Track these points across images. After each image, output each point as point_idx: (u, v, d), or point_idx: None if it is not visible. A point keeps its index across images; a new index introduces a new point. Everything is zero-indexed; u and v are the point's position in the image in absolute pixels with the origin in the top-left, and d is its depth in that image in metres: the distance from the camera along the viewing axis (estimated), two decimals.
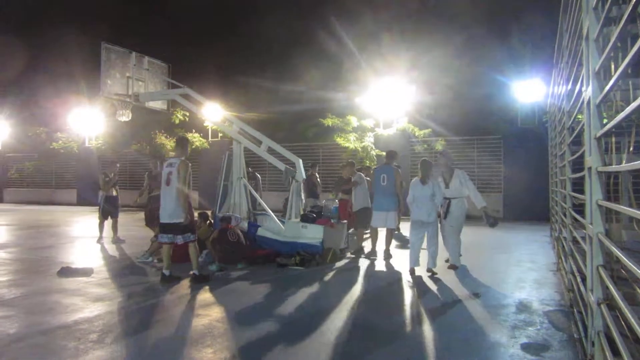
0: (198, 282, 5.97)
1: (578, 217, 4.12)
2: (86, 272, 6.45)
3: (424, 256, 6.63)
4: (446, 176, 7.05)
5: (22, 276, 6.41)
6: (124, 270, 6.78)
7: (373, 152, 15.72)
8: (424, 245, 6.64)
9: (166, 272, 6.06)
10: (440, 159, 7.25)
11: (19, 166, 24.86)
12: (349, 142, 15.85)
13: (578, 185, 5.02)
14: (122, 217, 9.99)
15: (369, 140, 16.14)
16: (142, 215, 9.29)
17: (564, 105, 5.39)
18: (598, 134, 2.47)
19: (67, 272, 6.40)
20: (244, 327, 4.34)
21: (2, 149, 25.43)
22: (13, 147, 25.04)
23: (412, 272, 6.42)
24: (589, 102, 2.64)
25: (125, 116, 9.90)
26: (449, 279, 6.33)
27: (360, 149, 15.75)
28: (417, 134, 15.68)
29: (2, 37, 26.31)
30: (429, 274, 6.43)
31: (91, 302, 5.11)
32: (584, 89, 2.93)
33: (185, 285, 6.00)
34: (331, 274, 6.71)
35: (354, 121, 16.15)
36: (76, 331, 4.19)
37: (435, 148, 15.50)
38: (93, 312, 4.75)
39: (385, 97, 16.33)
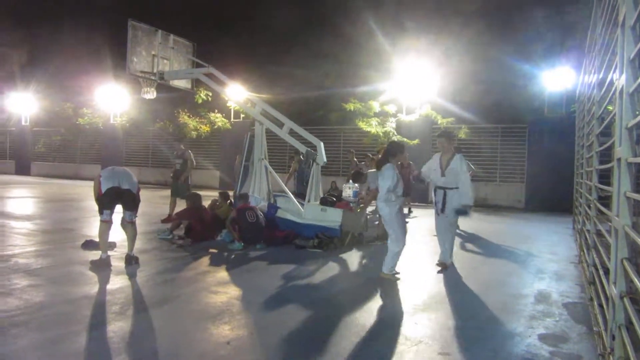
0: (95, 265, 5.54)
1: (604, 209, 4.04)
2: (109, 246, 6.59)
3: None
4: (443, 162, 6.00)
5: (48, 247, 6.60)
6: (145, 245, 6.92)
7: (395, 138, 15.59)
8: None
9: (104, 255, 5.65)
10: (442, 141, 6.07)
11: (46, 140, 25.41)
12: (371, 126, 15.73)
13: (604, 178, 4.93)
14: (144, 194, 10.15)
15: (390, 125, 16.00)
16: (167, 192, 9.61)
17: (594, 95, 5.25)
18: (630, 124, 2.41)
19: (90, 245, 6.55)
20: (262, 305, 4.41)
21: (30, 124, 25.97)
22: (40, 121, 25.56)
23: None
24: (621, 91, 2.57)
25: (150, 94, 10.00)
26: (466, 267, 6.29)
27: (382, 134, 15.64)
28: (440, 121, 15.47)
29: (31, 13, 26.69)
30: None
31: (113, 275, 5.24)
32: (616, 77, 2.85)
33: (204, 262, 6.10)
34: (349, 257, 6.74)
35: (376, 106, 16.00)
36: (99, 302, 4.33)
37: (459, 135, 15.28)
38: (115, 285, 4.87)
39: (409, 83, 16.11)
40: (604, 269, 3.70)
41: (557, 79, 14.57)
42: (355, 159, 12.57)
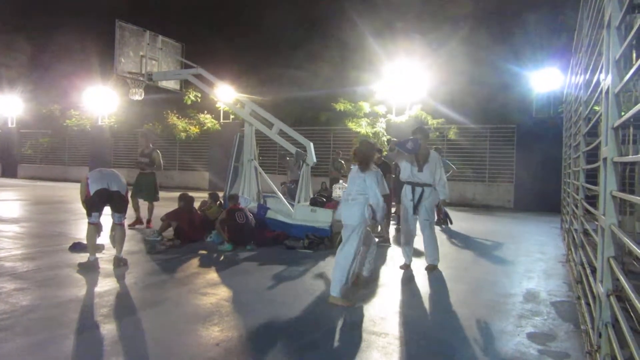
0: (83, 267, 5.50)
1: (590, 208, 4.09)
2: (97, 248, 6.53)
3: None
4: (420, 158, 5.86)
5: (35, 250, 6.53)
6: (133, 248, 6.87)
7: (384, 138, 15.66)
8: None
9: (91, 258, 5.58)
10: (416, 136, 5.81)
11: (33, 142, 25.14)
12: (361, 127, 15.79)
13: (591, 178, 4.99)
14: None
15: (380, 126, 16.06)
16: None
17: (581, 95, 5.31)
18: (616, 124, 2.43)
19: (78, 247, 6.48)
20: (252, 307, 4.39)
21: (17, 125, 25.68)
22: (27, 123, 25.28)
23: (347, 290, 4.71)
24: (607, 91, 2.60)
25: (138, 95, 9.93)
26: (455, 267, 6.33)
27: (371, 135, 15.69)
28: (430, 122, 15.55)
29: (17, 14, 26.39)
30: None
31: (101, 278, 5.19)
32: (602, 77, 2.88)
33: (194, 263, 6.07)
34: None
35: (366, 107, 16.07)
36: (87, 305, 4.28)
37: (448, 136, 15.39)
38: (103, 287, 4.83)
39: (399, 84, 16.19)
40: (591, 267, 3.75)
41: (545, 80, 14.73)
42: (340, 160, 12.66)
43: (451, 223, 6.53)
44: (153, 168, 9.02)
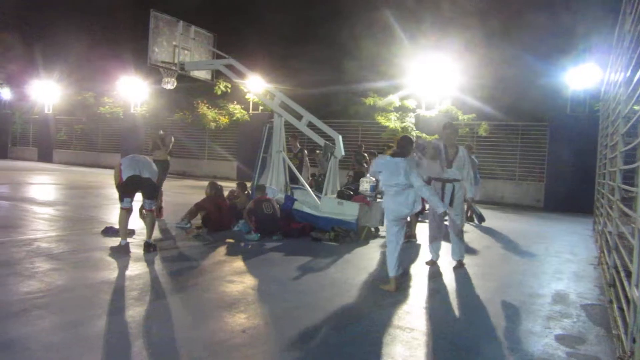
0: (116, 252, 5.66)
1: (627, 210, 3.97)
2: (128, 233, 6.69)
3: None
4: (450, 154, 5.82)
5: (69, 233, 6.74)
6: (163, 234, 7.01)
7: (413, 133, 15.50)
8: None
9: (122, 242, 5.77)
10: (448, 133, 5.92)
11: (68, 128, 25.83)
12: (390, 121, 15.67)
13: (627, 179, 4.83)
14: (164, 183, 10.14)
15: (410, 120, 15.91)
16: (185, 182, 9.47)
17: (620, 93, 5.14)
18: None
19: (110, 231, 6.66)
20: (277, 296, 4.44)
21: (53, 112, 26.41)
22: (63, 109, 25.97)
23: (397, 288, 4.85)
24: None
25: (170, 84, 10.07)
26: (482, 264, 6.24)
27: (400, 129, 15.55)
28: (460, 117, 15.29)
29: (53, 5, 27.03)
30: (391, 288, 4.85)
31: (132, 262, 5.33)
32: None
33: (221, 252, 6.16)
34: (364, 251, 6.74)
35: (395, 100, 15.92)
36: (118, 287, 4.41)
37: (478, 132, 15.12)
38: (133, 271, 4.95)
39: (429, 78, 15.96)
40: (625, 271, 3.64)
41: (581, 76, 14.27)
42: (363, 153, 12.57)
43: (484, 220, 6.58)
44: (164, 146, 8.76)
